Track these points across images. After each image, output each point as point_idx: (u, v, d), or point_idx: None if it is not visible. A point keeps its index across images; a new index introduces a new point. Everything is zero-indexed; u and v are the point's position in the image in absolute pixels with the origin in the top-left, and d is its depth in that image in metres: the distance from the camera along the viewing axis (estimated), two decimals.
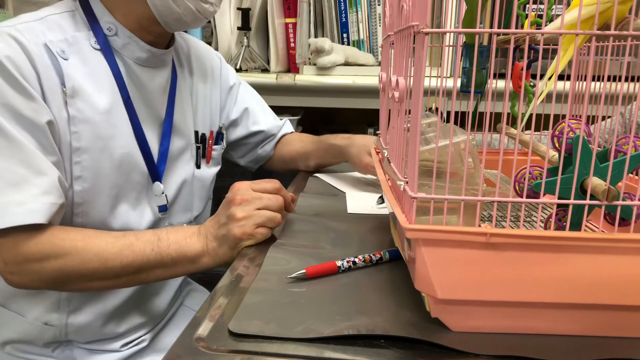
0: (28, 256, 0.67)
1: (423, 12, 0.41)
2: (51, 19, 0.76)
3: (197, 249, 0.70)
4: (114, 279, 0.70)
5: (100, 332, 0.83)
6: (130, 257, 0.69)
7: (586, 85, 0.41)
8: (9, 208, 0.65)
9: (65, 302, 0.80)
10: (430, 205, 0.43)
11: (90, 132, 0.74)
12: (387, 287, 0.54)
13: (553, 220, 0.46)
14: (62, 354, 0.83)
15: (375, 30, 1.45)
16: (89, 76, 0.75)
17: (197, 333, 0.45)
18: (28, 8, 0.82)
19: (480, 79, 0.66)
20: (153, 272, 0.71)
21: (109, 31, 0.78)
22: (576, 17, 0.46)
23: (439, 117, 0.53)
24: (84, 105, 0.74)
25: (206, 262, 0.70)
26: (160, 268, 0.70)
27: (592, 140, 0.43)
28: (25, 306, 0.81)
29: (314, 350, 0.43)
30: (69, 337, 0.82)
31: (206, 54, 0.99)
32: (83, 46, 0.76)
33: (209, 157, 0.96)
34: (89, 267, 0.68)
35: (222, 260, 0.69)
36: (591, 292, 0.43)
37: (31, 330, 0.81)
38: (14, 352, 0.82)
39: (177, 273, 0.72)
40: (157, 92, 0.84)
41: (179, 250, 0.70)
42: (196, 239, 0.70)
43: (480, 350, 0.43)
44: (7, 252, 0.67)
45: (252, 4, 1.47)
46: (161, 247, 0.70)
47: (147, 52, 0.81)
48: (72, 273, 0.68)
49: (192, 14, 0.78)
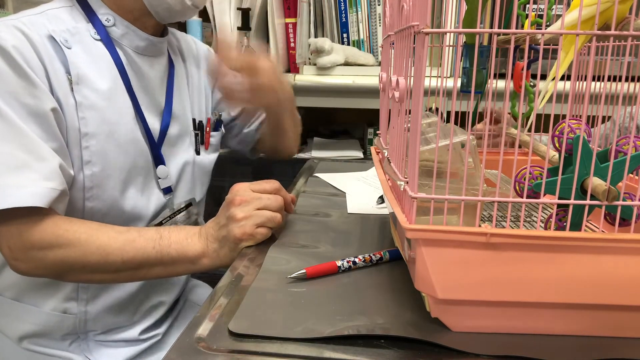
0: (32, 244, 0.68)
1: (423, 12, 0.41)
2: (50, 13, 0.78)
3: (197, 249, 0.70)
4: (115, 273, 0.71)
5: (117, 319, 0.85)
6: (131, 253, 0.70)
7: (586, 85, 0.41)
8: (8, 190, 0.65)
9: (83, 291, 0.82)
10: (431, 205, 0.43)
11: (97, 117, 0.76)
12: (387, 287, 0.54)
13: (553, 221, 0.46)
14: (79, 347, 0.84)
15: (375, 30, 1.45)
16: (92, 64, 0.77)
17: (197, 333, 0.45)
18: (28, 8, 0.82)
19: (480, 79, 0.66)
20: (153, 270, 0.72)
21: (107, 22, 0.80)
22: (576, 17, 0.46)
23: (439, 117, 0.53)
24: (89, 91, 0.76)
25: (206, 263, 0.71)
26: (160, 266, 0.71)
27: (592, 141, 0.43)
28: (40, 298, 0.82)
29: (314, 350, 0.43)
30: (87, 327, 0.83)
31: (192, 43, 1.00)
32: (84, 37, 0.78)
33: (208, 144, 0.98)
34: (91, 260, 0.69)
35: (222, 262, 0.70)
36: (591, 292, 0.43)
37: (49, 321, 0.82)
38: (31, 346, 0.83)
39: (176, 272, 0.73)
40: (156, 80, 0.86)
41: (179, 250, 0.70)
42: (197, 239, 0.71)
43: (480, 350, 0.43)
44: (12, 238, 0.68)
45: (252, 4, 1.47)
46: (162, 246, 0.70)
47: (145, 40, 0.83)
48: (74, 264, 0.69)
49: (181, 3, 0.80)
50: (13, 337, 0.83)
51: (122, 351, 0.86)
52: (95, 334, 0.85)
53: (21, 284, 0.82)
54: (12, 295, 0.83)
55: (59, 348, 0.83)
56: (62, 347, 0.83)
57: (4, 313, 0.84)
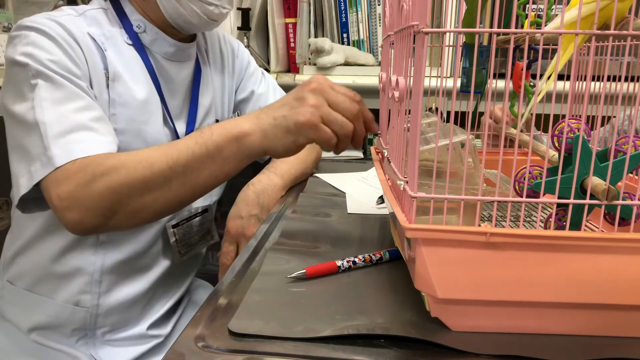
0: (79, 182, 0.65)
1: (423, 12, 0.41)
2: (89, 14, 0.81)
3: (243, 127, 0.64)
4: (165, 186, 0.66)
5: (126, 315, 0.86)
6: (175, 155, 0.65)
7: (586, 85, 0.41)
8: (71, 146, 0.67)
9: (97, 284, 0.82)
10: (430, 204, 0.43)
11: (128, 115, 0.78)
12: (387, 287, 0.54)
13: (553, 220, 0.46)
14: (85, 345, 0.84)
15: (375, 30, 1.45)
16: (125, 67, 0.80)
17: (197, 333, 0.45)
18: (28, 8, 0.82)
19: (480, 79, 0.66)
20: (203, 169, 0.66)
21: (138, 28, 0.83)
22: (575, 16, 0.46)
23: (439, 117, 0.53)
24: (124, 90, 0.79)
25: (254, 141, 0.63)
26: (209, 161, 0.66)
27: (591, 141, 0.43)
28: (54, 289, 0.83)
29: (314, 350, 0.43)
30: (97, 322, 0.84)
31: (218, 41, 1.00)
32: (118, 41, 0.81)
33: None
34: (137, 176, 0.65)
35: (271, 144, 0.63)
36: (591, 292, 0.43)
37: (61, 313, 0.82)
38: (40, 339, 0.84)
39: (226, 164, 0.66)
40: (183, 85, 0.89)
41: (222, 134, 0.65)
42: (244, 119, 0.65)
43: (480, 350, 0.43)
44: (62, 186, 0.66)
45: (252, 4, 1.47)
46: (204, 137, 0.66)
47: (173, 46, 0.85)
48: (121, 188, 0.65)
49: (198, 16, 0.82)
50: (23, 327, 0.84)
51: (128, 350, 0.86)
52: (104, 331, 0.85)
53: (35, 273, 0.83)
54: (25, 286, 0.84)
55: (66, 344, 0.84)
56: (69, 344, 0.84)
57: (16, 303, 0.85)
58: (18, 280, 0.85)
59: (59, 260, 0.81)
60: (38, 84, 0.70)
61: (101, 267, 0.82)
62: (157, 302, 0.91)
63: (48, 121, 0.68)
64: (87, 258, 0.81)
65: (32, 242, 0.83)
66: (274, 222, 0.76)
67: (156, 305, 0.91)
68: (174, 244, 0.88)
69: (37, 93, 0.69)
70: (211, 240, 0.97)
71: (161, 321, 0.92)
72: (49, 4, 0.85)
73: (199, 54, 0.93)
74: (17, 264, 0.85)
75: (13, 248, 0.86)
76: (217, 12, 0.83)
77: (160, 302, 0.91)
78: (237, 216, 0.84)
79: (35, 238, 0.83)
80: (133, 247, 0.84)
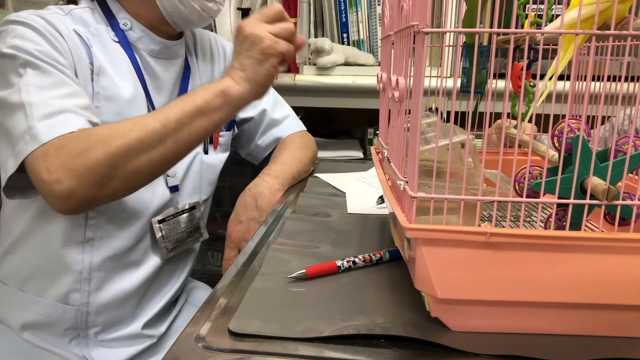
0: (70, 152, 0.65)
1: (423, 11, 0.41)
2: (75, 13, 0.82)
3: (224, 82, 0.70)
4: (159, 144, 0.68)
5: (118, 313, 0.86)
6: (165, 113, 0.69)
7: (586, 85, 0.41)
8: (57, 124, 0.67)
9: (86, 282, 0.82)
10: (430, 204, 0.43)
11: (112, 110, 0.79)
12: (387, 287, 0.54)
13: (553, 220, 0.46)
14: (78, 346, 0.84)
15: (375, 30, 1.45)
16: (111, 63, 0.81)
17: (197, 333, 0.45)
18: (28, 8, 0.83)
19: (480, 79, 0.66)
20: (195, 122, 0.69)
21: (124, 26, 0.84)
22: (576, 16, 0.46)
23: (439, 117, 0.53)
24: (109, 84, 0.79)
25: (237, 90, 0.70)
26: (198, 114, 0.69)
27: (591, 141, 0.43)
28: (44, 287, 0.82)
29: (314, 350, 0.43)
30: (89, 321, 0.83)
31: (208, 41, 1.01)
32: (104, 38, 0.82)
33: (216, 143, 0.99)
34: (132, 138, 0.66)
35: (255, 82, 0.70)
36: (591, 292, 0.43)
37: (52, 312, 0.82)
38: (32, 339, 0.83)
39: (217, 114, 0.70)
40: (169, 83, 0.89)
41: (208, 89, 0.70)
42: (221, 79, 0.72)
43: (480, 350, 0.43)
44: (50, 159, 0.65)
45: (252, 4, 1.47)
46: (189, 96, 0.70)
47: (159, 44, 0.87)
48: (117, 152, 0.65)
49: (198, 13, 0.84)
50: (15, 326, 0.84)
51: (121, 351, 0.86)
52: (96, 331, 0.85)
53: (24, 272, 0.83)
54: (15, 285, 0.84)
55: (59, 345, 0.83)
56: (62, 345, 0.83)
57: (7, 302, 0.85)
58: (9, 280, 0.85)
59: (46, 257, 0.81)
60: (26, 72, 0.70)
61: (89, 264, 0.81)
62: (151, 300, 0.90)
63: (34, 102, 0.68)
64: (75, 256, 0.81)
65: (20, 240, 0.83)
66: (273, 222, 0.76)
67: (150, 303, 0.90)
68: (160, 240, 0.87)
69: (24, 79, 0.70)
70: (200, 238, 0.97)
71: (156, 320, 0.91)
72: (49, 4, 0.86)
73: (187, 52, 0.94)
74: (7, 262, 0.85)
75: (2, 247, 0.86)
76: (215, 8, 0.86)
77: (153, 300, 0.91)
78: (236, 221, 0.86)
79: (24, 234, 0.83)
80: (120, 243, 0.83)
